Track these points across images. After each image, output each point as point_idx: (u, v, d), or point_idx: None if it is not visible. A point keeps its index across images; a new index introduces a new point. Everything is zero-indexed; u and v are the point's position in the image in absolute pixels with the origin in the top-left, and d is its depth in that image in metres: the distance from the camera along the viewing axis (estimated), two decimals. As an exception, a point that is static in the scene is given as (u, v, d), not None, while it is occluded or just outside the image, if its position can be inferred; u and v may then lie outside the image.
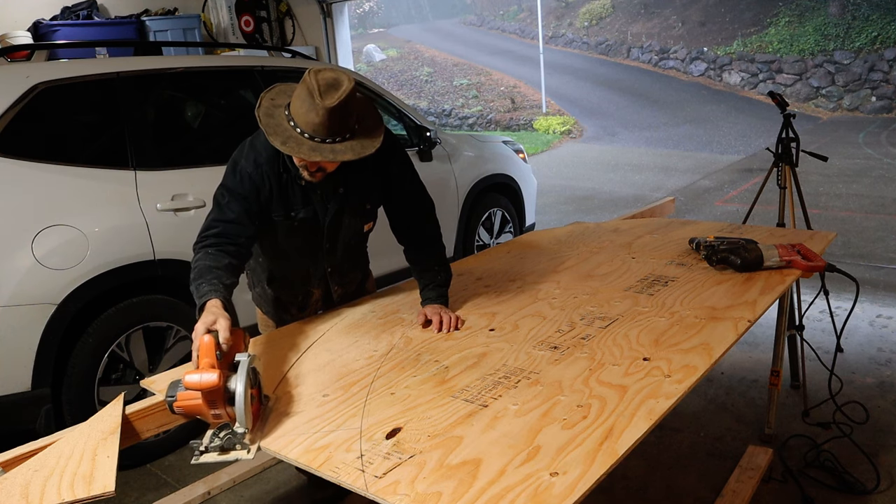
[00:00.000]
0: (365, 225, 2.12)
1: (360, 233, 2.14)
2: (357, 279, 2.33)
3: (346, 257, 2.17)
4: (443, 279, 2.11)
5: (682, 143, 12.47)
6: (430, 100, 19.07)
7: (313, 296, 2.22)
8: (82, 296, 2.65)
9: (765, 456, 2.53)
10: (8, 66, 3.02)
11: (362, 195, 2.04)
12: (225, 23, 5.97)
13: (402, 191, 2.11)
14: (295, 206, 1.97)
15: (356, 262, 2.27)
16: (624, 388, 1.48)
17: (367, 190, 2.04)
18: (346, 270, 2.22)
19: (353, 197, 2.02)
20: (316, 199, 1.99)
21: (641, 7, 21.88)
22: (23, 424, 2.58)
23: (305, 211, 1.98)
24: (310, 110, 1.72)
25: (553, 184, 9.34)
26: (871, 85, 15.15)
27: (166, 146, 3.10)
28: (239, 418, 1.38)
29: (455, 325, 1.95)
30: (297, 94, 1.77)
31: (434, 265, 2.13)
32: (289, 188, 1.95)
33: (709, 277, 2.23)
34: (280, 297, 2.21)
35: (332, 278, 2.19)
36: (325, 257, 2.11)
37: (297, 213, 1.98)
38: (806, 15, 17.36)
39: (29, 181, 2.63)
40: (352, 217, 2.06)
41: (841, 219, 6.53)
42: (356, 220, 2.08)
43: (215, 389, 1.37)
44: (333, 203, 2.00)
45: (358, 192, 2.02)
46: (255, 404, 1.45)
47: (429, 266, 2.13)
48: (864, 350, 3.55)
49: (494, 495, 1.14)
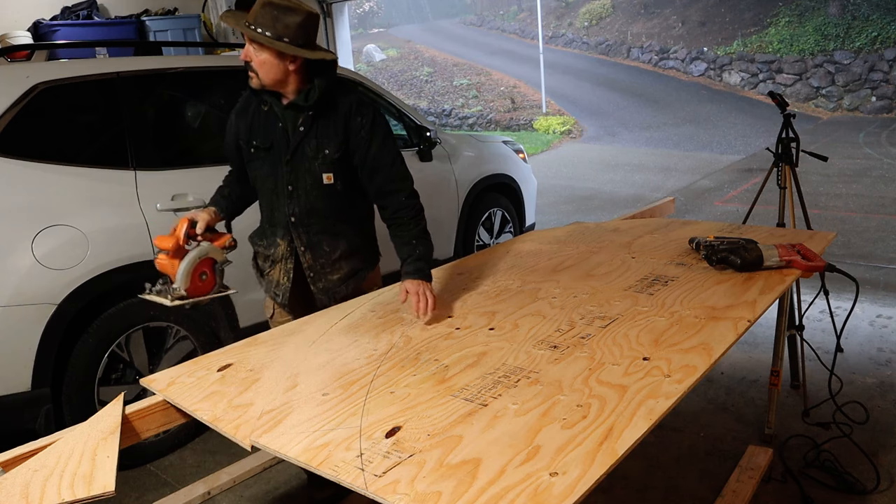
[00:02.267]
0: (324, 174, 2.16)
1: (320, 182, 2.16)
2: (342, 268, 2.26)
3: (314, 213, 2.19)
4: (421, 253, 2.14)
5: (682, 143, 12.47)
6: (430, 100, 19.07)
7: (279, 248, 2.24)
8: (82, 296, 2.65)
9: (765, 456, 2.53)
10: (8, 66, 3.01)
11: (321, 139, 2.14)
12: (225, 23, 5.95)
13: (368, 152, 2.15)
14: (259, 137, 2.19)
15: (334, 233, 2.23)
16: (624, 388, 1.48)
17: (328, 135, 2.14)
18: (317, 232, 2.21)
19: (312, 139, 2.14)
20: (278, 132, 2.16)
21: (641, 7, 21.88)
22: (23, 424, 2.58)
23: (264, 141, 2.18)
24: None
25: (553, 184, 9.34)
26: (871, 85, 15.16)
27: (166, 146, 3.10)
28: (178, 278, 2.04)
29: (426, 310, 2.00)
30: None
31: (412, 238, 2.15)
32: (256, 119, 2.20)
33: (709, 277, 2.23)
34: (258, 249, 2.35)
35: (297, 231, 2.20)
36: (287, 200, 2.19)
37: (259, 143, 2.19)
38: (806, 15, 17.36)
39: (29, 181, 2.63)
40: (311, 160, 2.15)
41: (841, 219, 6.53)
42: (314, 165, 2.15)
43: (167, 250, 2.07)
44: (294, 138, 2.14)
45: (318, 136, 2.14)
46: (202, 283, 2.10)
47: (407, 240, 2.16)
48: (864, 350, 3.55)
49: (494, 495, 1.14)
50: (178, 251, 2.06)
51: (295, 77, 2.09)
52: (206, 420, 1.52)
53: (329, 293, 2.27)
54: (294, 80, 2.09)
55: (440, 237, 4.39)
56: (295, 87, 2.10)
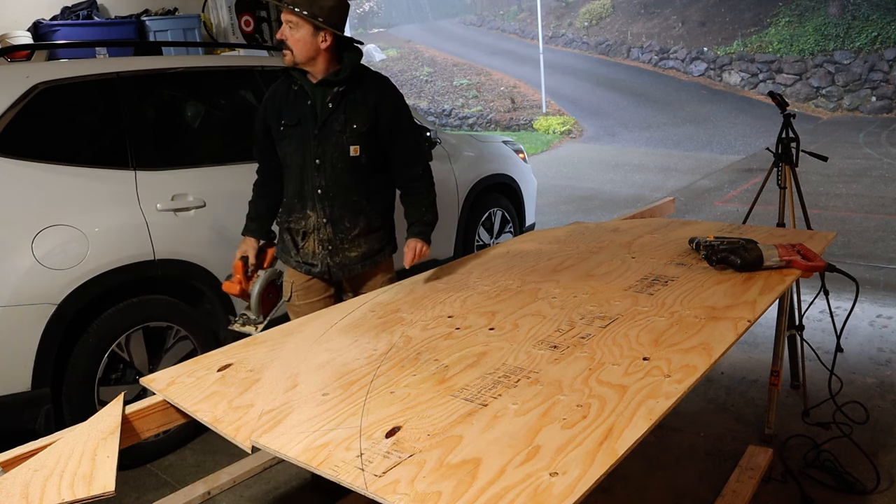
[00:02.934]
0: (352, 147, 2.34)
1: (347, 154, 2.34)
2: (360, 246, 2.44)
3: (339, 187, 2.36)
4: (429, 219, 2.45)
5: (682, 143, 12.47)
6: (430, 100, 19.06)
7: (310, 220, 2.40)
8: (82, 296, 2.65)
9: (765, 456, 2.53)
10: (8, 66, 3.02)
11: (349, 114, 2.32)
12: (225, 23, 5.96)
13: (394, 127, 2.39)
14: (287, 115, 2.35)
15: (356, 209, 2.40)
16: (624, 388, 1.48)
17: (356, 110, 2.32)
18: (340, 206, 2.38)
19: (341, 114, 2.31)
20: (306, 109, 2.32)
21: (641, 7, 21.89)
22: (23, 424, 2.58)
23: (293, 117, 2.34)
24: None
25: (553, 184, 9.34)
26: (871, 85, 15.15)
27: (166, 146, 3.10)
28: (254, 311, 2.49)
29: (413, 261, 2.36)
30: None
31: (422, 206, 2.45)
32: (285, 100, 2.36)
33: (709, 277, 2.23)
34: (289, 226, 2.46)
35: (322, 204, 2.36)
36: (315, 173, 2.35)
37: (287, 121, 2.35)
38: (806, 15, 17.36)
39: (29, 181, 2.63)
40: (339, 134, 2.32)
41: (841, 219, 6.53)
42: (343, 138, 2.32)
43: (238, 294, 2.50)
44: (322, 114, 2.31)
45: (346, 111, 2.32)
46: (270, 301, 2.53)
47: (417, 206, 2.45)
48: (864, 350, 3.55)
49: (494, 495, 1.14)
50: (244, 291, 2.50)
51: (325, 55, 2.28)
52: (206, 421, 1.52)
53: (345, 269, 2.44)
54: (325, 58, 2.29)
55: (440, 237, 4.38)
56: (325, 65, 2.30)
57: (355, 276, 2.46)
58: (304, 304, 2.49)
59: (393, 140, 2.39)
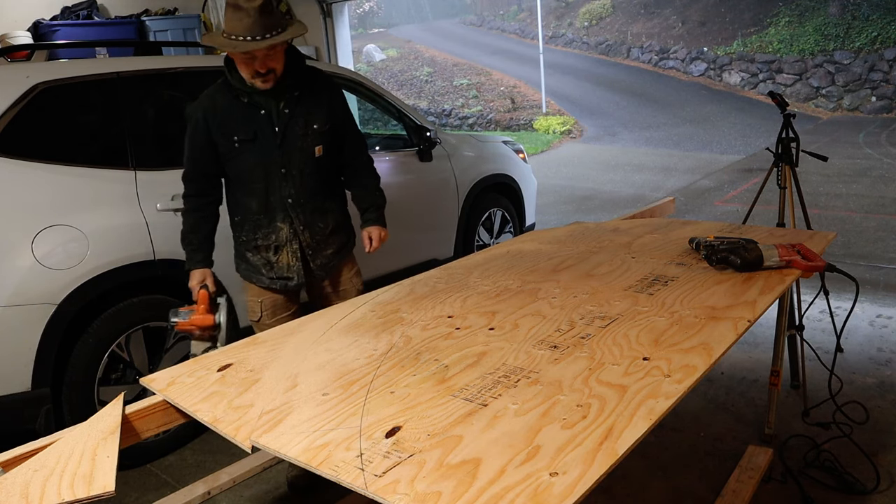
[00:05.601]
0: (315, 147, 2.32)
1: (312, 157, 2.31)
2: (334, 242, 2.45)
3: (307, 192, 2.32)
4: (380, 202, 2.54)
5: (682, 143, 12.47)
6: (430, 100, 19.06)
7: (281, 232, 2.33)
8: (82, 296, 2.65)
9: (765, 456, 2.53)
10: (8, 66, 3.02)
11: (307, 115, 2.27)
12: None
13: (346, 119, 2.41)
14: (240, 130, 2.23)
15: (324, 210, 2.40)
16: (624, 388, 1.48)
17: (313, 111, 2.28)
18: (311, 211, 2.35)
19: (299, 117, 2.25)
20: (261, 120, 2.22)
21: (641, 7, 21.88)
22: (23, 424, 2.58)
23: (247, 132, 2.22)
24: (241, 18, 2.02)
25: (553, 184, 9.34)
26: (871, 85, 15.16)
27: (166, 146, 3.10)
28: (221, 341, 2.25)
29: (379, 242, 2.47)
30: (226, 17, 2.06)
31: (374, 190, 2.54)
32: (230, 114, 2.22)
33: (709, 277, 2.23)
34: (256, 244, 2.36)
35: (295, 212, 2.31)
36: (283, 182, 2.27)
37: (242, 136, 2.22)
38: (806, 15, 17.36)
39: (29, 181, 2.63)
40: (302, 138, 2.27)
41: (841, 219, 6.53)
42: (306, 141, 2.28)
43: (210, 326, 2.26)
44: (281, 122, 2.23)
45: (303, 113, 2.26)
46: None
47: (370, 191, 2.52)
48: (864, 350, 3.55)
49: (494, 495, 1.14)
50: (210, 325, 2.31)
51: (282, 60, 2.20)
52: (206, 421, 1.52)
53: (325, 268, 2.46)
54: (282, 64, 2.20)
55: (440, 237, 4.39)
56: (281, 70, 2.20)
57: (332, 270, 2.49)
58: (273, 321, 2.45)
59: (346, 132, 2.42)
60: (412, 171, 4.17)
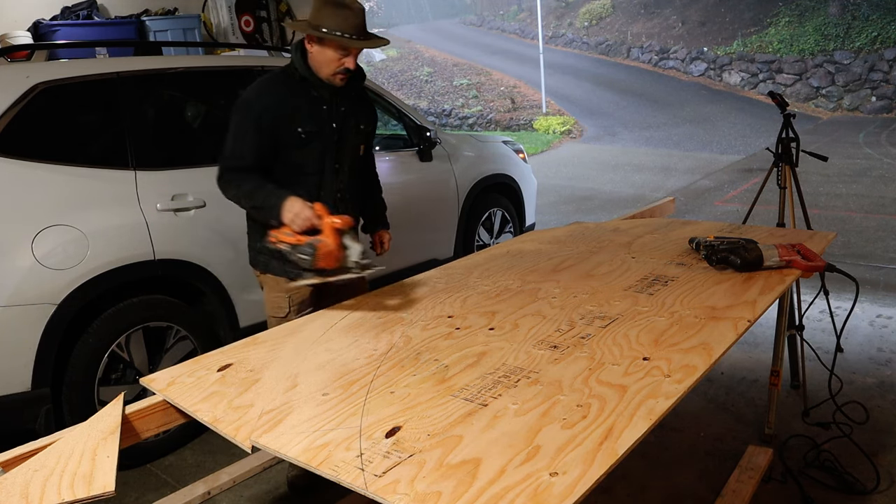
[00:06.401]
0: (361, 146, 2.48)
1: (357, 155, 2.47)
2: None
3: (353, 188, 2.47)
4: (384, 206, 2.71)
5: (682, 143, 12.47)
6: (430, 100, 19.05)
7: None
8: (82, 296, 2.65)
9: (765, 456, 2.53)
10: (8, 66, 3.02)
11: (358, 116, 2.42)
12: (225, 23, 5.96)
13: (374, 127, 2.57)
14: (306, 122, 2.29)
15: (359, 207, 2.56)
16: (624, 388, 1.48)
17: (359, 112, 2.44)
18: (353, 207, 2.48)
19: (351, 117, 2.40)
20: (323, 115, 2.32)
21: (641, 7, 21.89)
22: (23, 424, 2.58)
23: (312, 125, 2.30)
24: (347, 17, 2.17)
25: (553, 184, 9.33)
26: (871, 85, 15.16)
27: (166, 146, 3.10)
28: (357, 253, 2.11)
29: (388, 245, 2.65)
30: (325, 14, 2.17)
31: (379, 196, 2.70)
32: (298, 106, 2.29)
33: (709, 277, 2.23)
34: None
35: (344, 206, 2.41)
36: (335, 177, 2.39)
37: (308, 128, 2.29)
38: (806, 15, 17.37)
39: (29, 181, 2.63)
40: (353, 135, 2.41)
41: (841, 219, 6.53)
42: (355, 138, 2.43)
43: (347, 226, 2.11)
44: (338, 119, 2.35)
45: (355, 113, 2.41)
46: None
47: (377, 193, 2.69)
48: (864, 350, 3.55)
49: (494, 495, 1.14)
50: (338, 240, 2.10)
51: None
52: (206, 421, 1.52)
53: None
54: None
55: (440, 237, 4.39)
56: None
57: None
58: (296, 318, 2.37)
59: (371, 137, 2.58)
60: (412, 171, 4.17)
